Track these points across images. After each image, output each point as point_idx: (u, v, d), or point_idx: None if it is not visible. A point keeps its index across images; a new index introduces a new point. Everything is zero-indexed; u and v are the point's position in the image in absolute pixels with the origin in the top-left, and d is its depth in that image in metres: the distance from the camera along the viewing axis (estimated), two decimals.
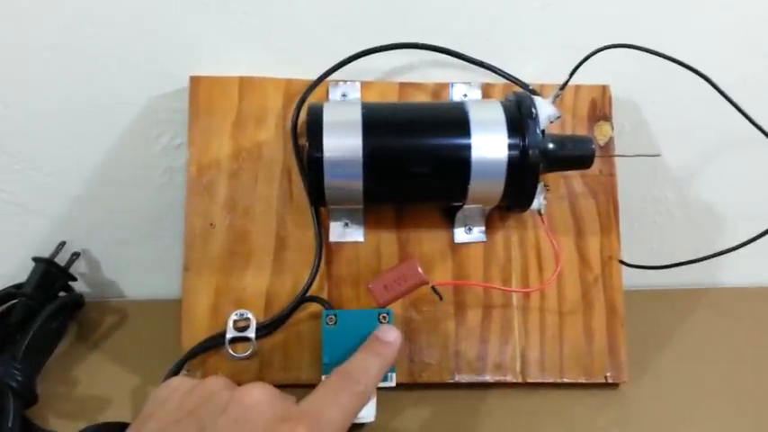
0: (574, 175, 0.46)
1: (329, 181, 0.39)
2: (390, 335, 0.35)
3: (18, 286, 0.46)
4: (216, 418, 0.27)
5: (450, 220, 0.45)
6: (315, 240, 0.43)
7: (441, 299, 0.40)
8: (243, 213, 0.44)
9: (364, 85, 0.46)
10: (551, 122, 0.41)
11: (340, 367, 0.33)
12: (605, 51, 0.41)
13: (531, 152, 0.38)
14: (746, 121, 0.43)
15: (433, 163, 0.40)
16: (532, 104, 0.39)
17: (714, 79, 0.43)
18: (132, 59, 0.45)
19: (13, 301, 0.45)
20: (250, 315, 0.42)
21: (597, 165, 0.44)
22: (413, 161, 0.40)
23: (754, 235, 0.42)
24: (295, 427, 0.27)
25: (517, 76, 0.46)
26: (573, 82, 0.42)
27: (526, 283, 0.45)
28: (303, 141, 0.41)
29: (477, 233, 0.45)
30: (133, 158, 0.48)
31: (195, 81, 0.45)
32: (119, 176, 0.49)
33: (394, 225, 0.45)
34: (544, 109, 0.40)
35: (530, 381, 0.44)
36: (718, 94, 0.43)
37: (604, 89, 0.47)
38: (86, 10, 0.43)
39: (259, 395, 0.29)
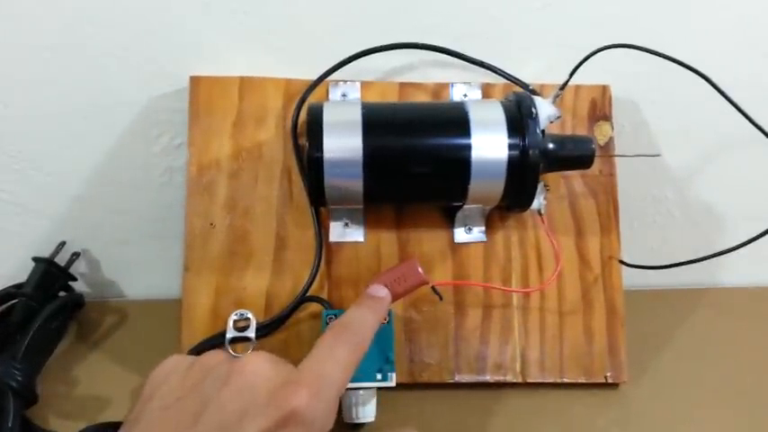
0: (574, 175, 0.46)
1: (329, 181, 0.39)
2: (381, 291, 0.36)
3: (18, 286, 0.46)
4: (219, 391, 0.28)
5: (450, 220, 0.45)
6: (315, 240, 0.43)
7: (441, 299, 0.40)
8: (243, 213, 0.44)
9: (364, 85, 0.46)
10: (551, 122, 0.41)
11: (335, 322, 0.33)
12: (605, 51, 0.41)
13: (531, 152, 0.38)
14: (746, 121, 0.43)
15: (433, 163, 0.40)
16: (532, 104, 0.39)
17: (714, 79, 0.43)
18: (132, 59, 0.45)
19: (13, 301, 0.45)
20: (250, 315, 0.42)
21: (597, 165, 0.44)
22: (413, 161, 0.40)
23: (754, 235, 0.42)
24: (297, 390, 0.28)
25: (517, 76, 0.46)
26: (573, 82, 0.42)
27: (526, 283, 0.45)
28: (303, 141, 0.41)
29: (477, 233, 0.45)
30: (133, 158, 0.48)
31: (195, 81, 0.45)
32: (119, 176, 0.49)
33: (394, 225, 0.45)
34: (544, 109, 0.40)
35: (530, 381, 0.44)
36: (719, 94, 0.43)
37: (604, 89, 0.47)
38: (86, 10, 0.43)
39: (259, 363, 0.29)
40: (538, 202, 0.42)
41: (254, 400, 0.27)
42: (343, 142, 0.38)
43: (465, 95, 0.46)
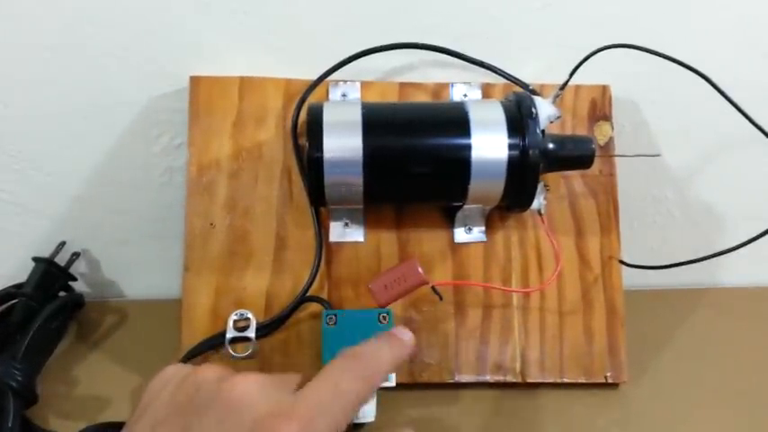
0: (574, 175, 0.46)
1: (329, 181, 0.39)
2: (406, 335, 0.33)
3: (18, 286, 0.46)
4: (201, 416, 0.26)
5: (450, 220, 0.45)
6: (315, 240, 0.43)
7: (441, 299, 0.40)
8: (243, 213, 0.44)
9: (364, 85, 0.46)
10: (551, 122, 0.41)
11: (348, 349, 0.30)
12: (605, 51, 0.41)
13: (531, 152, 0.38)
14: (746, 121, 0.43)
15: (433, 163, 0.40)
16: (532, 104, 0.39)
17: (714, 79, 0.43)
18: (132, 59, 0.45)
19: (13, 301, 0.45)
20: (250, 315, 0.42)
21: (597, 165, 0.44)
22: (413, 161, 0.40)
23: (754, 235, 0.42)
24: (284, 423, 0.25)
25: (517, 76, 0.46)
26: (573, 82, 0.42)
27: (526, 283, 0.45)
28: (303, 141, 0.41)
29: (477, 233, 0.45)
30: (133, 158, 0.48)
31: (195, 81, 0.45)
32: (119, 176, 0.49)
33: (394, 225, 0.45)
34: (544, 109, 0.40)
35: (530, 381, 0.44)
36: (719, 94, 0.43)
37: (604, 89, 0.47)
38: (86, 10, 0.43)
39: (247, 388, 0.27)
40: (538, 202, 0.42)
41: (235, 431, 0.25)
42: (343, 142, 0.38)
43: (465, 95, 0.46)
